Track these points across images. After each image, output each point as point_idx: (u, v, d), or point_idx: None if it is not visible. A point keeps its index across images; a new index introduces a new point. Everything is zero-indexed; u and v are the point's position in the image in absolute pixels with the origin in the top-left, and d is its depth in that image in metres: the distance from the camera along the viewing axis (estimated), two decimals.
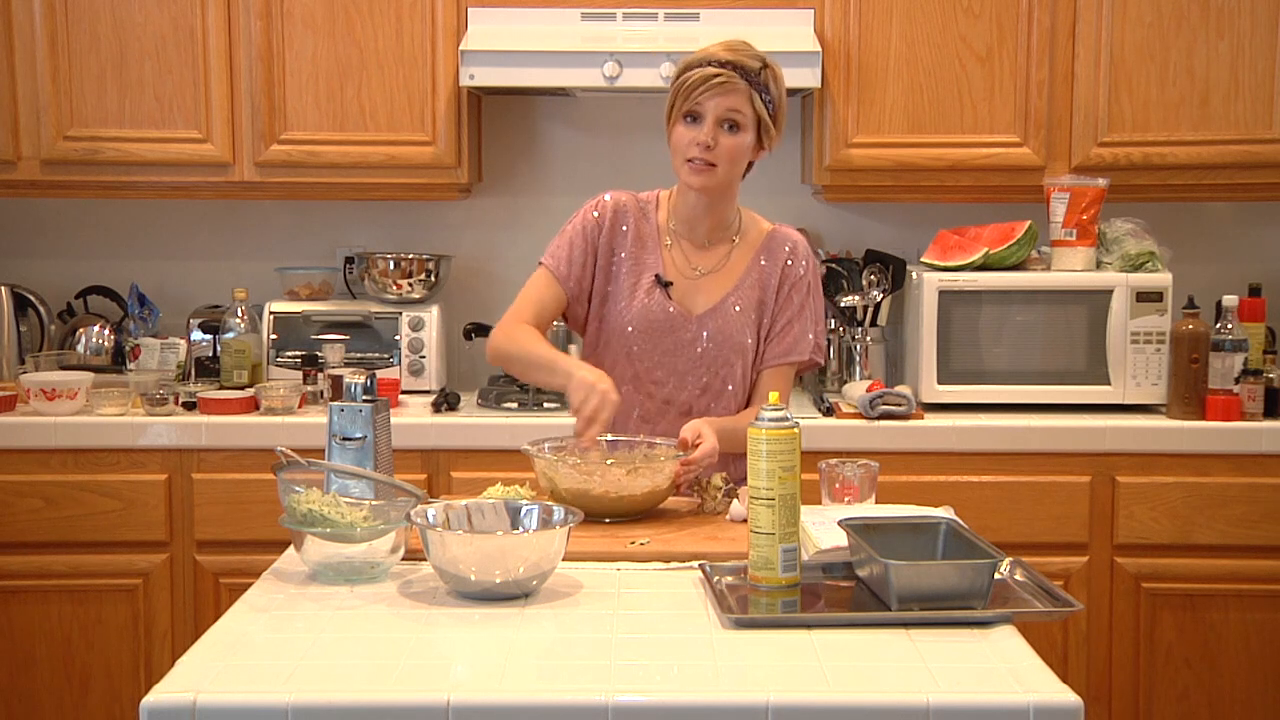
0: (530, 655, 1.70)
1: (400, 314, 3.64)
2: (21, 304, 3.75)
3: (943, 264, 3.46)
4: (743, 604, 1.87)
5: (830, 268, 3.72)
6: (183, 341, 3.65)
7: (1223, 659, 3.33)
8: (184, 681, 1.59)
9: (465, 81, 3.43)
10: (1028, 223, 3.46)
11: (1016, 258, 3.45)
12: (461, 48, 3.42)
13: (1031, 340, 3.42)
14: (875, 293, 3.65)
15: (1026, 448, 3.30)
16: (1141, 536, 3.30)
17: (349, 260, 3.78)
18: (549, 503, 2.12)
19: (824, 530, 2.10)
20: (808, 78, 3.41)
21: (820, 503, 2.31)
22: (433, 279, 3.68)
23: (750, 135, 2.46)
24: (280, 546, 2.17)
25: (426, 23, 3.51)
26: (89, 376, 3.43)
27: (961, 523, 2.05)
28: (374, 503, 2.05)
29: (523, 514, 2.03)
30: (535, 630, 1.79)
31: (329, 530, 1.97)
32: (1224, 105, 3.50)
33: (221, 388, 3.47)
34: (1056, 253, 3.49)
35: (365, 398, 2.16)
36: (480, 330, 3.65)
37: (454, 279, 3.81)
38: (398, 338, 3.64)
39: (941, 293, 3.42)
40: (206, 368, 3.59)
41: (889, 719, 1.55)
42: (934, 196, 3.63)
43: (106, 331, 3.77)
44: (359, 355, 3.61)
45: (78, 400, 3.36)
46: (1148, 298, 3.39)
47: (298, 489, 2.03)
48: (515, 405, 3.45)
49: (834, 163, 3.54)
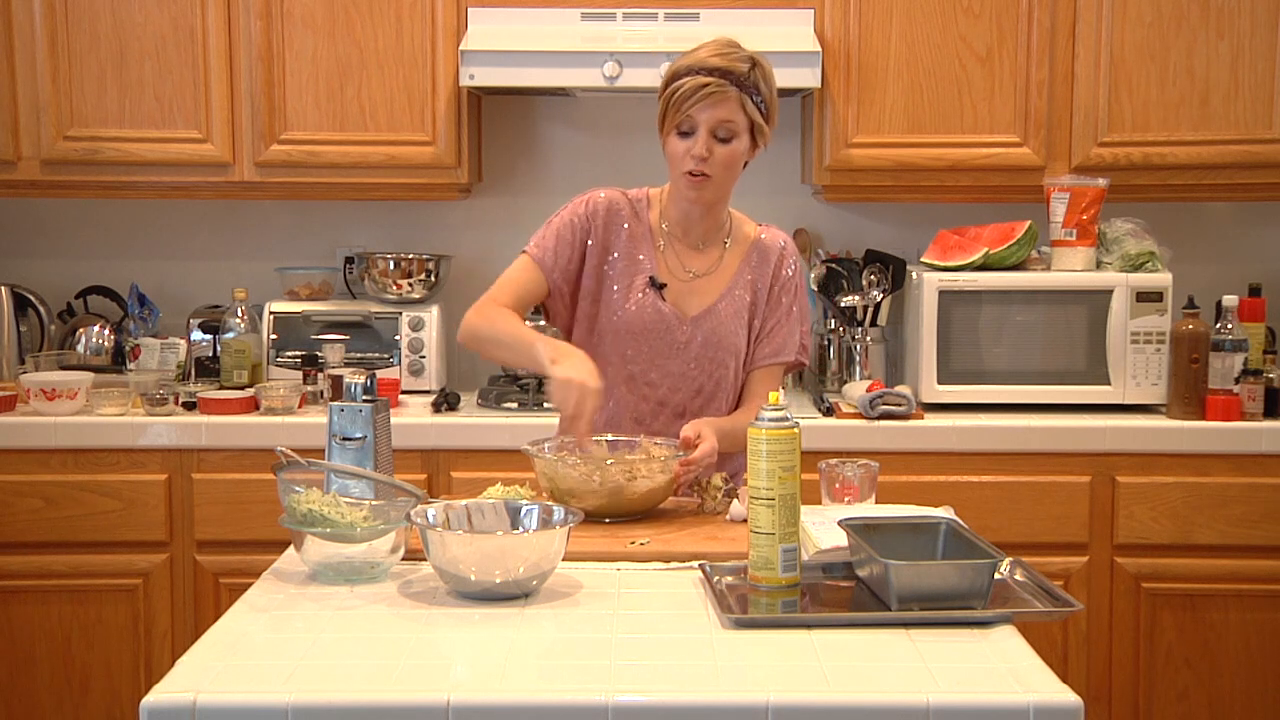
0: (530, 655, 1.70)
1: (400, 314, 3.64)
2: (21, 304, 3.75)
3: (943, 264, 3.46)
4: (743, 604, 1.87)
5: (830, 268, 3.72)
6: (183, 341, 3.65)
7: (1223, 659, 3.33)
8: (184, 681, 1.59)
9: (465, 81, 3.43)
10: (1028, 223, 3.46)
11: (1016, 258, 3.45)
12: (461, 48, 3.43)
13: (1031, 340, 3.42)
14: (875, 293, 3.65)
15: (1026, 448, 3.30)
16: (1141, 536, 3.30)
17: (349, 260, 3.78)
18: (549, 503, 2.12)
19: (824, 530, 2.10)
20: (808, 78, 3.41)
21: (820, 503, 2.31)
22: (433, 279, 3.68)
23: (744, 140, 2.44)
24: (280, 546, 2.17)
25: (426, 23, 3.51)
26: (89, 376, 3.43)
27: (961, 523, 2.05)
28: (374, 503, 2.05)
29: (523, 514, 2.03)
30: (535, 630, 1.79)
31: (329, 530, 1.97)
32: (1224, 105, 3.50)
33: (221, 388, 3.47)
34: (1056, 253, 3.49)
35: (365, 398, 2.16)
36: None
37: (454, 279, 3.81)
38: (398, 338, 3.64)
39: (941, 293, 3.42)
40: (206, 368, 3.59)
41: (889, 719, 1.55)
42: (934, 196, 3.63)
43: (106, 331, 3.77)
44: (359, 355, 3.61)
45: (78, 400, 3.36)
46: (1148, 298, 3.39)
47: (298, 489, 2.03)
48: (515, 405, 3.45)
49: (834, 163, 3.54)
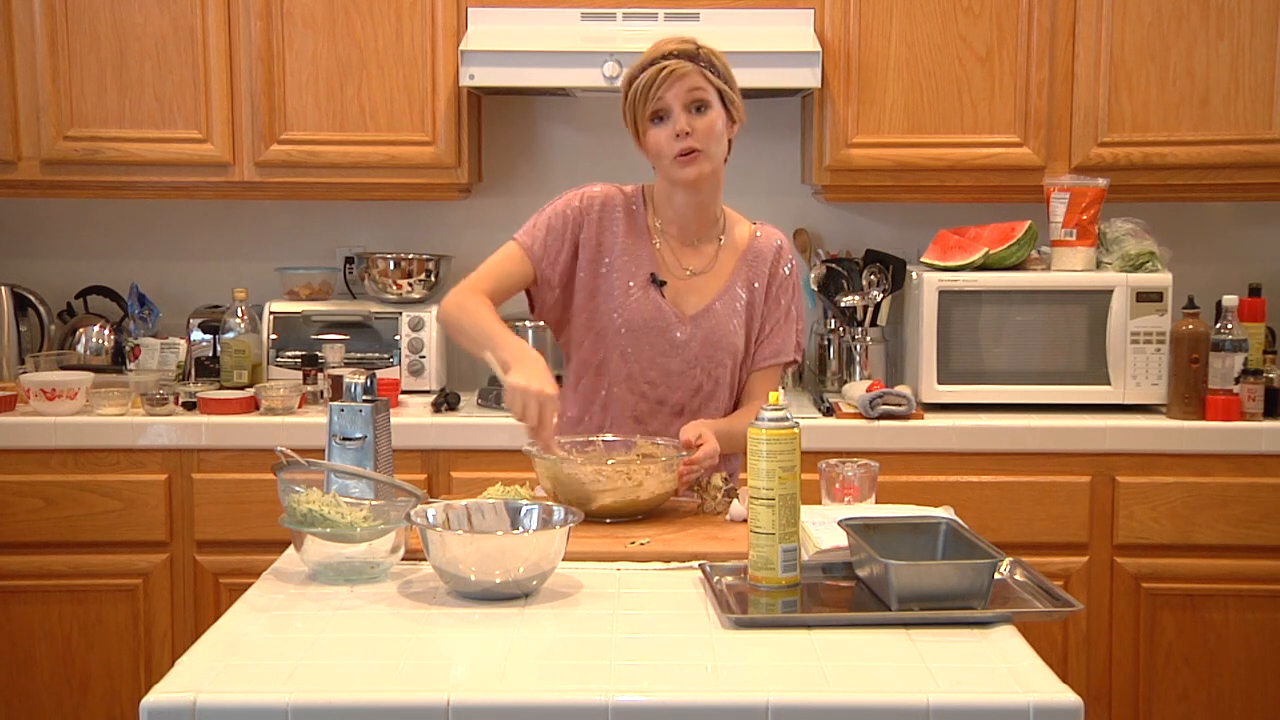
0: (530, 655, 1.70)
1: (400, 314, 3.64)
2: (21, 304, 3.75)
3: (943, 264, 3.46)
4: (743, 604, 1.87)
5: (830, 268, 3.72)
6: (183, 341, 3.65)
7: (1223, 659, 3.33)
8: (184, 681, 1.59)
9: (465, 81, 3.43)
10: (1028, 223, 3.46)
11: (1016, 258, 3.45)
12: (461, 48, 3.42)
13: (1031, 340, 3.42)
14: (875, 293, 3.65)
15: (1026, 448, 3.30)
16: (1141, 536, 3.30)
17: (349, 260, 3.78)
18: (549, 503, 2.12)
19: (824, 530, 2.10)
20: (808, 78, 3.41)
21: (820, 503, 2.30)
22: (433, 279, 3.68)
23: (719, 111, 2.44)
24: (280, 546, 2.17)
25: (426, 23, 3.51)
26: (89, 376, 3.43)
27: (961, 523, 2.05)
28: (374, 503, 2.05)
29: (523, 514, 2.03)
30: (535, 630, 1.79)
31: (329, 530, 1.97)
32: (1224, 105, 3.50)
33: (221, 388, 3.47)
34: (1056, 253, 3.48)
35: (365, 398, 2.16)
36: None
37: (454, 279, 3.77)
38: (398, 338, 3.64)
39: (941, 293, 3.42)
40: (206, 368, 3.59)
41: (889, 719, 1.55)
42: (934, 196, 3.63)
43: (106, 331, 3.77)
44: (359, 355, 3.61)
45: (78, 400, 3.36)
46: (1148, 298, 3.39)
47: (298, 489, 2.03)
48: None
49: (834, 163, 3.54)
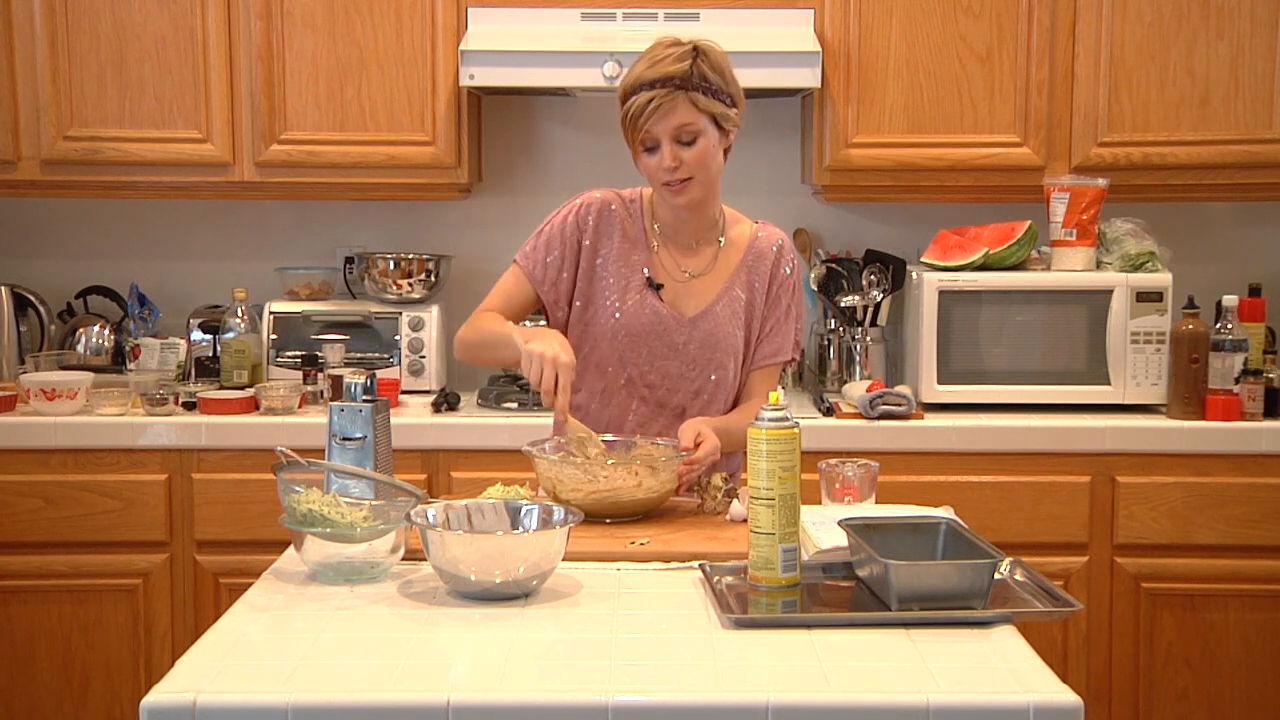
0: (530, 655, 1.70)
1: (400, 314, 3.64)
2: (21, 304, 3.75)
3: (943, 264, 3.46)
4: (743, 604, 1.87)
5: (830, 268, 3.72)
6: (183, 341, 3.65)
7: (1223, 659, 3.33)
8: (184, 681, 1.59)
9: (465, 81, 3.43)
10: (1028, 223, 3.46)
11: (1016, 258, 3.45)
12: (461, 48, 3.42)
13: (1031, 340, 3.42)
14: (875, 293, 3.65)
15: (1026, 448, 3.30)
16: (1141, 536, 3.30)
17: (349, 260, 3.78)
18: (549, 503, 2.12)
19: (824, 530, 2.10)
20: (808, 78, 3.41)
21: (820, 503, 2.30)
22: (433, 279, 3.68)
23: (710, 135, 2.40)
24: (280, 546, 2.17)
25: (426, 23, 3.51)
26: (89, 376, 3.43)
27: (961, 523, 2.05)
28: (374, 503, 2.05)
29: (523, 514, 2.03)
30: (535, 630, 1.79)
31: (329, 530, 1.97)
32: (1224, 105, 3.50)
33: (221, 388, 3.47)
34: (1056, 253, 3.48)
35: (365, 398, 2.16)
36: None
37: (454, 279, 3.81)
38: (398, 338, 3.64)
39: (941, 293, 3.42)
40: (206, 368, 3.59)
41: (889, 719, 1.55)
42: (934, 196, 3.63)
43: (106, 331, 3.77)
44: (359, 355, 3.61)
45: (78, 400, 3.36)
46: (1148, 298, 3.39)
47: (298, 489, 2.03)
48: (515, 405, 3.45)
49: (834, 163, 3.54)
